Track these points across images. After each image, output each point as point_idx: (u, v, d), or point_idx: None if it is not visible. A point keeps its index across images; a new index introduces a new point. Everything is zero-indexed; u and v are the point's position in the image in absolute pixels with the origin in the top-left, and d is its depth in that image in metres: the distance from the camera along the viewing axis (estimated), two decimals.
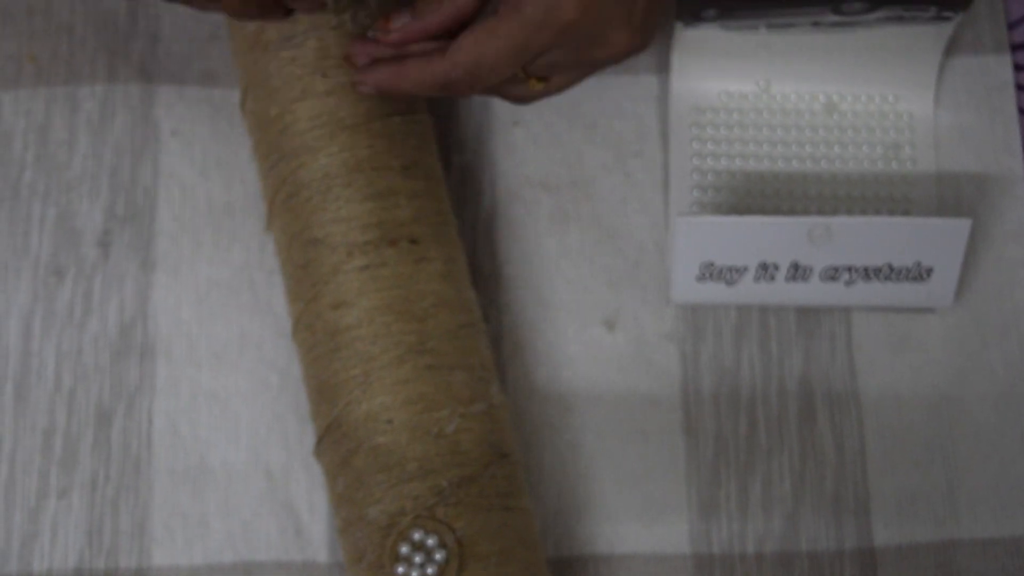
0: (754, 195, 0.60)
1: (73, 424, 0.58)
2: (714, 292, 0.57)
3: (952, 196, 0.61)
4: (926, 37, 0.58)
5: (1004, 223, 0.61)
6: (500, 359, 0.59)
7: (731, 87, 0.61)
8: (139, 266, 0.60)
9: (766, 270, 0.56)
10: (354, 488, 0.52)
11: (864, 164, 0.61)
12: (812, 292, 0.57)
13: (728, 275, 0.56)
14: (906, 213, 0.60)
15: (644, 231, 0.60)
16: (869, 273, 0.56)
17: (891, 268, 0.56)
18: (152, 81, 0.62)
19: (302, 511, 0.57)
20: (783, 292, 0.57)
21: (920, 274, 0.56)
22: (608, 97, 0.62)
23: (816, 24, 0.57)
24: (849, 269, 0.56)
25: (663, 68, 0.62)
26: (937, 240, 0.55)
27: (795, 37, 0.59)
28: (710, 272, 0.56)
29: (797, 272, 0.56)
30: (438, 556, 0.49)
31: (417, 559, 0.49)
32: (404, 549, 0.50)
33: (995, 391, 0.59)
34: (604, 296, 0.60)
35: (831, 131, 0.61)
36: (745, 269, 0.56)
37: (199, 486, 0.57)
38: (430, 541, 0.50)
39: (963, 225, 0.55)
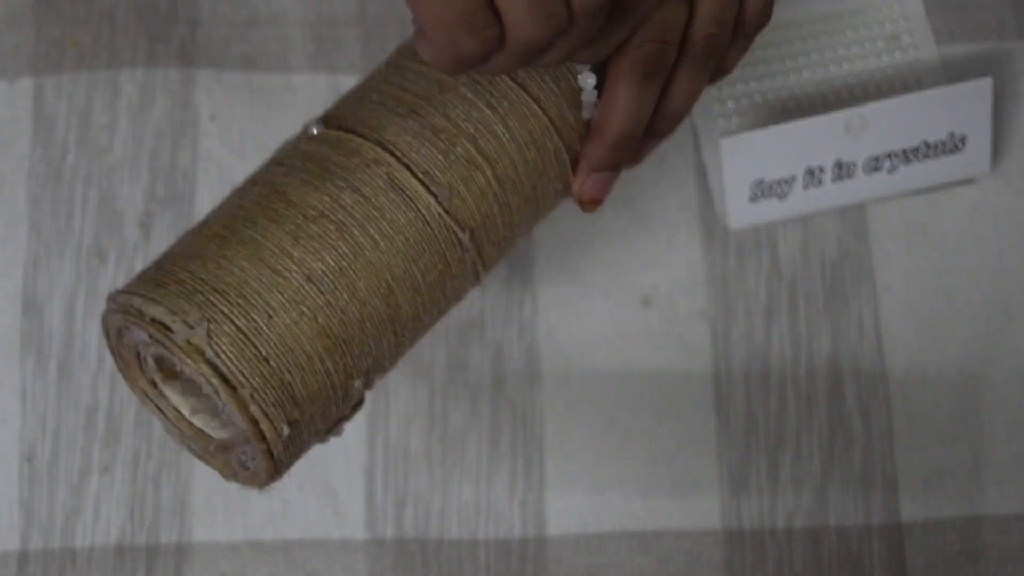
0: (778, 112, 0.62)
1: (115, 402, 0.59)
2: (768, 210, 0.59)
3: (957, 72, 0.62)
4: None
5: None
6: (536, 338, 0.60)
7: None
8: None
9: (813, 175, 0.58)
10: None
11: (869, 60, 0.63)
12: (858, 188, 0.59)
13: (779, 188, 0.58)
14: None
15: (676, 212, 0.61)
16: (908, 155, 0.58)
17: (927, 145, 0.58)
18: (191, 66, 0.62)
19: (340, 490, 0.58)
20: (832, 194, 0.59)
21: (956, 145, 0.58)
22: None
23: None
24: (889, 156, 0.58)
25: None
26: (965, 105, 0.58)
27: None
28: (761, 189, 0.58)
29: (842, 170, 0.58)
30: None
31: None
32: None
33: (1020, 368, 0.59)
34: (637, 276, 0.60)
35: (831, 38, 0.63)
36: (793, 179, 0.58)
37: None
38: None
39: (985, 85, 0.57)
